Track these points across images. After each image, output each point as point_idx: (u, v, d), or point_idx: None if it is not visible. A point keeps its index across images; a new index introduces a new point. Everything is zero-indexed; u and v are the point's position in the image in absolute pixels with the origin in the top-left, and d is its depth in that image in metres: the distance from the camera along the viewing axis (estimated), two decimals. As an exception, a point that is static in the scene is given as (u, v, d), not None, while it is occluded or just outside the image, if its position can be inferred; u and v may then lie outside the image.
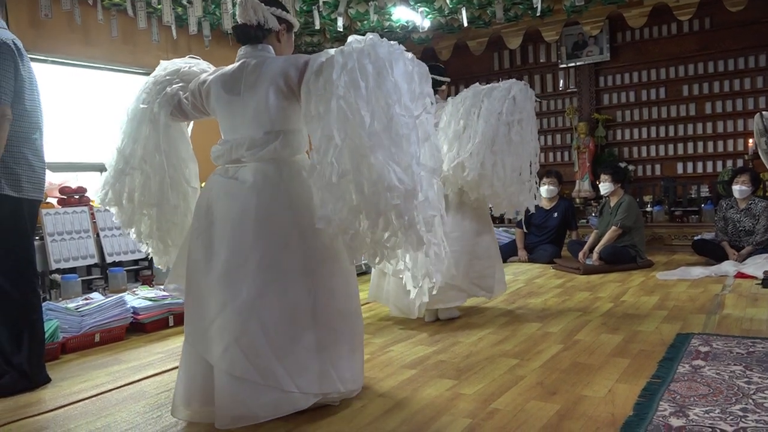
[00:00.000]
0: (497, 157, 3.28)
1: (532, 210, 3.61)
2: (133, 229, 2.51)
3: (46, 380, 2.62)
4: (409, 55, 2.07)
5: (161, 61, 2.54)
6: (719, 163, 7.00)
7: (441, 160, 2.14)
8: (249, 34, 2.18)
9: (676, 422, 1.92)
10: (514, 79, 3.46)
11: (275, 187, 2.06)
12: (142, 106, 2.41)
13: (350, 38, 2.04)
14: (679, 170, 7.25)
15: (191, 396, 2.06)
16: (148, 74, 2.57)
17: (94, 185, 4.62)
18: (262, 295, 1.98)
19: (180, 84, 2.38)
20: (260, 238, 2.01)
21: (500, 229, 7.03)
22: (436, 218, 2.04)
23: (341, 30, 5.76)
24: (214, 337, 1.98)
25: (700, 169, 7.13)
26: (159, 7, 5.18)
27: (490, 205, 3.53)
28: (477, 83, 3.52)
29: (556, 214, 6.04)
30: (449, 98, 3.58)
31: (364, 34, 2.04)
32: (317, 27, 5.75)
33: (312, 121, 1.98)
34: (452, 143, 3.38)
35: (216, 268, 2.01)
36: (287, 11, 2.26)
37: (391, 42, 2.03)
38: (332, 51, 2.00)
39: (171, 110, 2.37)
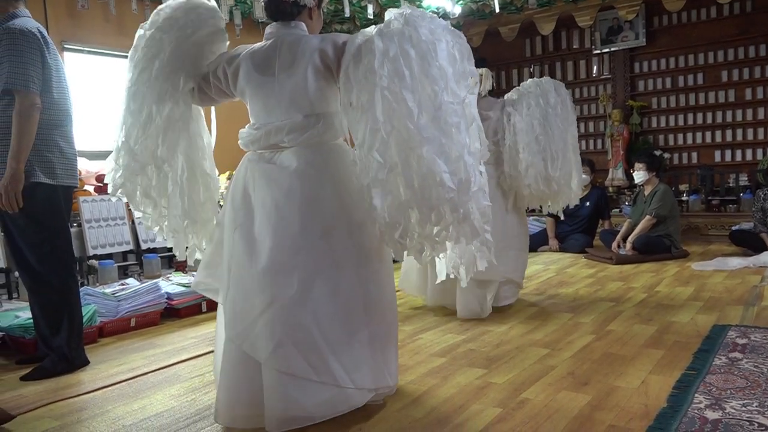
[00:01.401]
0: (569, 164, 3.48)
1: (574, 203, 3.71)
2: (157, 228, 2.31)
3: (85, 363, 2.69)
4: (448, 28, 1.95)
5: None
6: (759, 151, 6.80)
7: (484, 142, 2.03)
8: (284, 11, 2.03)
9: (711, 415, 1.88)
10: (548, 78, 3.62)
11: (321, 172, 1.95)
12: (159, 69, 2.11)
13: (387, 14, 1.93)
14: (717, 158, 7.06)
15: (235, 400, 1.91)
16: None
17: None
18: (313, 287, 1.87)
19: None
20: (307, 226, 1.89)
21: (531, 218, 6.96)
22: (489, 207, 1.96)
23: (371, 17, 5.74)
24: (261, 334, 1.84)
25: (738, 157, 6.94)
26: (191, -4, 5.22)
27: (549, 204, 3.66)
28: (529, 80, 3.60)
29: (588, 203, 5.96)
30: (505, 100, 3.59)
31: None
32: (347, 14, 5.73)
33: (353, 111, 1.87)
34: (535, 158, 3.40)
35: (261, 260, 1.87)
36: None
37: (430, 17, 1.91)
38: (370, 31, 1.87)
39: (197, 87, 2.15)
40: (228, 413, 1.92)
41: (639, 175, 5.48)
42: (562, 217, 4.18)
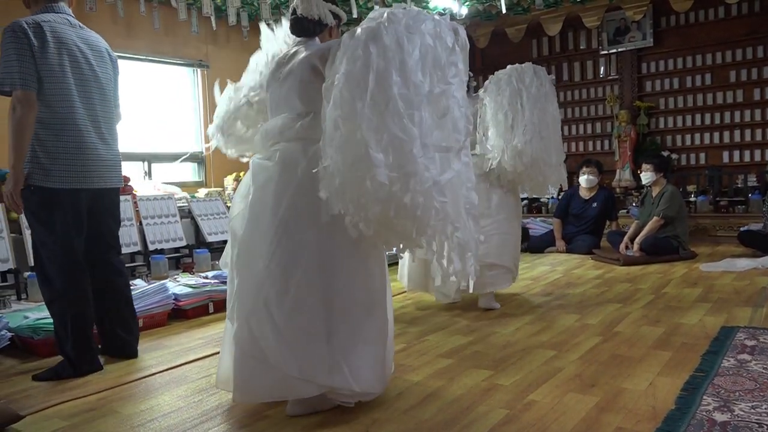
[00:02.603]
0: (544, 142, 3.42)
1: (565, 186, 3.74)
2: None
3: (95, 369, 2.62)
4: (436, 22, 1.95)
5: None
6: (767, 152, 6.77)
7: (466, 134, 2.01)
8: (307, 29, 2.21)
9: (720, 417, 1.87)
10: (530, 63, 3.58)
11: (297, 164, 2.03)
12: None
13: (371, 14, 1.96)
14: (725, 159, 7.03)
15: (229, 367, 2.11)
16: (188, 65, 2.58)
17: (137, 175, 4.71)
18: (271, 274, 1.97)
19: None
20: (277, 214, 2.00)
21: (538, 219, 6.96)
22: (446, 204, 1.90)
23: (378, 19, 5.74)
24: (235, 311, 2.04)
25: (747, 158, 6.90)
26: (199, -2, 5.26)
27: (526, 189, 3.66)
28: (497, 71, 3.59)
29: (595, 204, 5.94)
30: (481, 92, 3.60)
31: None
32: (354, 16, 5.75)
33: (325, 108, 1.92)
34: (506, 135, 3.44)
35: (238, 245, 2.08)
36: (339, 4, 2.29)
37: (416, 12, 1.92)
38: (346, 34, 1.93)
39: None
40: (223, 379, 2.15)
41: (646, 176, 5.46)
42: (551, 194, 4.24)
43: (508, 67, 3.55)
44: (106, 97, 2.68)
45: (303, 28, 2.21)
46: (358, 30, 1.89)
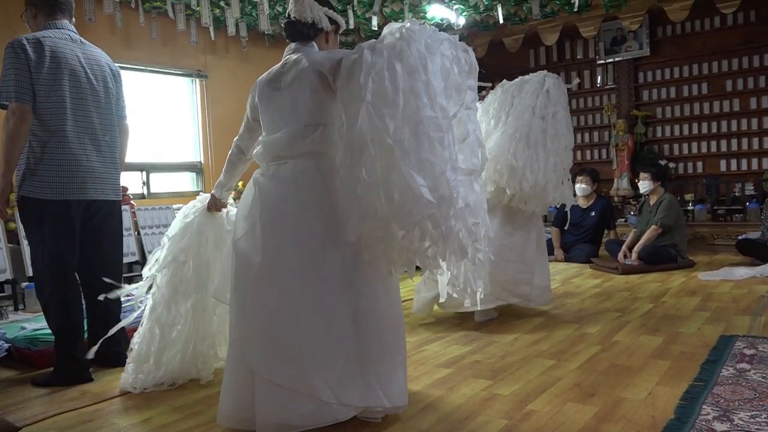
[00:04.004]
0: (532, 150, 3.26)
1: (569, 205, 3.56)
2: None
3: (82, 380, 2.61)
4: (452, 44, 1.96)
5: None
6: (765, 160, 6.79)
7: (484, 158, 2.04)
8: (301, 32, 2.13)
9: (720, 427, 1.87)
10: (545, 71, 3.44)
11: (313, 183, 1.97)
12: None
13: (386, 29, 1.94)
14: (723, 168, 7.05)
15: (235, 402, 1.98)
16: (187, 75, 2.58)
17: (134, 184, 4.70)
18: (296, 299, 1.90)
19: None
20: (296, 237, 1.93)
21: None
22: (478, 225, 1.93)
23: (376, 29, 5.78)
24: (253, 341, 1.93)
25: (744, 167, 6.92)
26: (198, 9, 5.28)
27: (525, 202, 3.44)
28: (504, 80, 3.49)
29: (593, 213, 5.94)
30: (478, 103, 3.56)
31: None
32: (352, 26, 5.78)
33: (344, 125, 1.88)
34: (497, 139, 3.33)
35: (253, 270, 1.96)
36: (337, 12, 2.24)
37: (432, 31, 1.91)
38: (366, 45, 1.90)
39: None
40: (228, 415, 1.99)
41: (644, 185, 5.47)
42: (564, 227, 4.07)
43: (518, 77, 3.45)
44: (105, 112, 2.71)
45: (297, 31, 2.14)
46: (378, 47, 1.85)
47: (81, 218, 2.67)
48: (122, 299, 2.87)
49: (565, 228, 6.09)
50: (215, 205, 2.56)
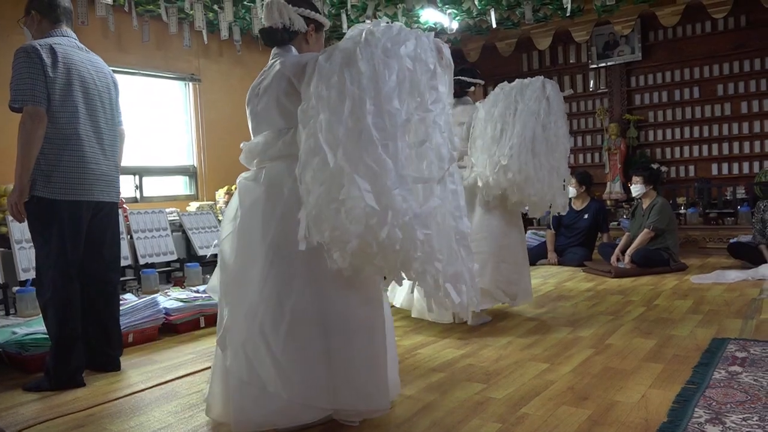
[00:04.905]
0: (537, 159, 3.29)
1: (564, 211, 3.58)
2: None
3: (74, 384, 2.60)
4: (420, 42, 1.88)
5: None
6: (756, 164, 6.84)
7: (450, 161, 1.95)
8: (274, 37, 2.13)
9: (712, 429, 1.87)
10: (542, 77, 3.45)
11: (283, 185, 1.98)
12: None
13: (350, 31, 1.90)
14: (714, 171, 7.10)
15: (222, 396, 2.06)
16: (180, 79, 2.59)
17: (127, 188, 4.68)
18: (265, 300, 1.93)
19: None
20: (266, 239, 1.96)
21: (529, 231, 6.97)
22: (431, 237, 1.81)
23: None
24: (228, 340, 1.99)
25: (735, 170, 6.98)
26: (191, 12, 5.27)
27: (526, 208, 3.49)
28: (505, 81, 3.50)
29: (586, 216, 5.97)
30: (479, 103, 3.57)
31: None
32: (345, 30, 5.78)
33: (301, 132, 1.87)
34: (491, 148, 3.37)
35: (229, 271, 2.04)
36: (317, 10, 2.18)
37: (397, 31, 1.84)
38: (325, 50, 1.88)
39: None
40: (216, 408, 2.09)
41: (636, 189, 5.50)
42: (554, 230, 4.08)
43: (516, 80, 3.46)
44: (109, 116, 2.79)
45: (270, 37, 2.14)
46: (335, 52, 1.84)
47: (87, 220, 2.71)
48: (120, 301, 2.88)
49: (558, 231, 6.11)
50: None
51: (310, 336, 1.93)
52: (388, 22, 1.89)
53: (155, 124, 6.11)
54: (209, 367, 2.26)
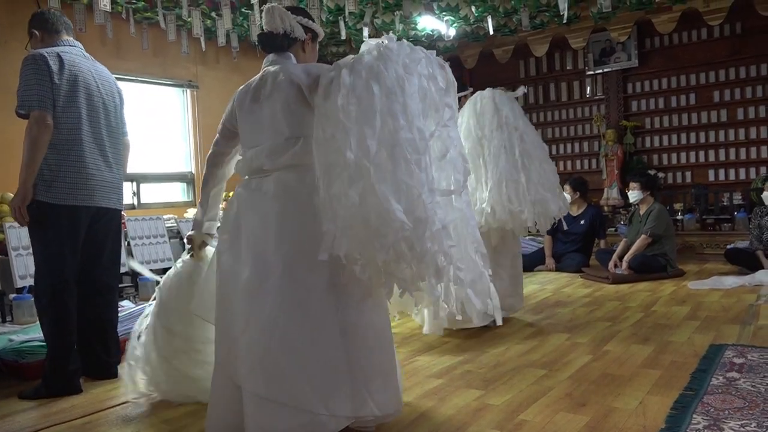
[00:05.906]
0: (518, 186, 3.31)
1: (563, 213, 3.59)
2: None
3: (71, 391, 2.60)
4: (429, 61, 1.96)
5: None
6: (752, 170, 6.86)
7: (466, 173, 2.03)
8: (274, 43, 2.12)
9: (710, 436, 1.87)
10: (490, 89, 3.51)
11: (297, 195, 1.95)
12: None
13: (363, 46, 1.93)
14: (711, 177, 7.11)
15: (222, 420, 1.98)
16: (178, 86, 2.61)
17: (124, 195, 4.67)
18: (284, 311, 1.87)
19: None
20: (282, 250, 1.91)
21: (527, 237, 6.97)
22: (453, 248, 1.86)
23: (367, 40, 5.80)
24: (240, 356, 1.90)
25: (732, 177, 6.99)
26: (189, 19, 5.28)
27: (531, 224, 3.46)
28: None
29: (583, 222, 5.97)
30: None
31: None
32: (343, 37, 5.80)
33: (321, 145, 1.86)
34: (473, 195, 3.34)
35: (240, 285, 1.95)
36: (313, 20, 2.20)
37: (409, 49, 1.91)
38: (343, 64, 1.89)
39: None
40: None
41: (634, 195, 5.51)
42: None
43: (467, 103, 3.43)
44: (113, 125, 2.82)
45: (270, 43, 2.13)
46: (357, 66, 1.83)
47: (87, 227, 2.71)
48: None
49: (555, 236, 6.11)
50: (196, 241, 2.40)
51: (331, 348, 1.90)
52: (400, 39, 1.94)
53: (153, 131, 6.11)
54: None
